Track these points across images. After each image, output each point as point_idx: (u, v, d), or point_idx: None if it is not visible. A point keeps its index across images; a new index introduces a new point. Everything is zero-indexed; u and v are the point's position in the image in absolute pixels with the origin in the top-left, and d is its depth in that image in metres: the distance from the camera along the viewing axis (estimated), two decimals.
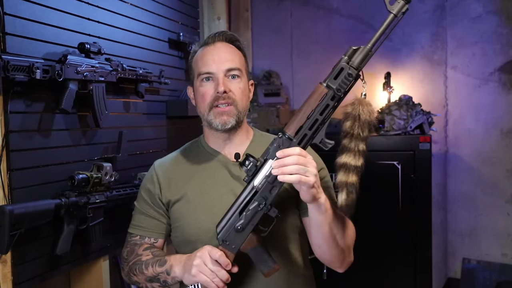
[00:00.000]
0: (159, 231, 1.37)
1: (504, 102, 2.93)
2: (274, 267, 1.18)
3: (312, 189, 1.09)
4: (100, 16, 1.85)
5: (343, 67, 1.10)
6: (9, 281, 1.42)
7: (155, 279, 1.27)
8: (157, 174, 1.38)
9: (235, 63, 1.32)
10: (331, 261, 1.29)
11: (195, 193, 1.32)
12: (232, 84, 1.31)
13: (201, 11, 2.90)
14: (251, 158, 1.14)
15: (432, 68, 3.10)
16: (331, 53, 3.26)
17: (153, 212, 1.37)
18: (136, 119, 2.10)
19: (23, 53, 1.46)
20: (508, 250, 2.94)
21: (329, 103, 1.10)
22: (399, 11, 1.07)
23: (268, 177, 1.13)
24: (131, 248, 1.37)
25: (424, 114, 2.67)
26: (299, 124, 1.12)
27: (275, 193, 1.15)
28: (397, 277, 2.62)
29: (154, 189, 1.37)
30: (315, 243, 1.26)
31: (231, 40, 1.36)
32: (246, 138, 1.39)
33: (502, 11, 2.90)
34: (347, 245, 1.26)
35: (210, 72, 1.30)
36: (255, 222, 1.16)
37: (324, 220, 1.17)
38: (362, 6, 3.21)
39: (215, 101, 1.29)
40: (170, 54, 2.35)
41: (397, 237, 2.60)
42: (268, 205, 1.15)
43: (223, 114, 1.29)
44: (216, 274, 1.15)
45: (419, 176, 2.56)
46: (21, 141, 1.48)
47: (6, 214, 1.34)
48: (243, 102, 1.33)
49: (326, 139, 1.13)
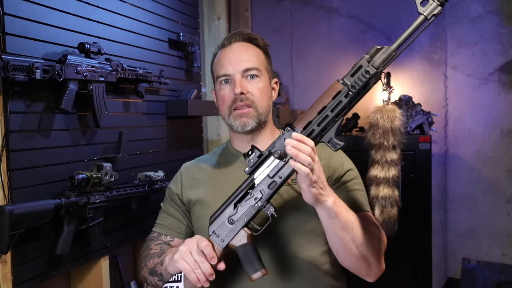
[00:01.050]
0: (177, 230, 1.35)
1: (504, 102, 2.93)
2: (261, 271, 1.08)
3: (313, 188, 1.02)
4: (100, 16, 1.85)
5: (362, 64, 1.04)
6: (9, 281, 1.42)
7: (154, 272, 1.23)
8: (182, 174, 1.40)
9: (252, 62, 1.28)
10: (355, 269, 1.19)
11: (214, 193, 1.29)
12: (250, 84, 1.27)
13: (201, 11, 2.90)
14: (256, 150, 1.09)
15: (432, 68, 3.10)
16: (331, 53, 3.26)
17: (173, 210, 1.37)
18: (136, 119, 2.10)
19: (23, 53, 1.46)
20: (508, 250, 2.94)
21: (342, 100, 1.04)
22: (430, 13, 1.01)
23: (271, 171, 1.07)
24: (146, 244, 1.36)
25: (424, 114, 2.67)
26: (308, 119, 1.06)
27: (274, 189, 1.07)
28: (397, 277, 2.62)
29: (176, 188, 1.37)
30: (333, 250, 1.18)
31: (249, 38, 1.32)
32: (271, 139, 1.29)
33: (502, 11, 2.90)
34: (372, 252, 1.16)
35: (227, 74, 1.28)
36: (247, 217, 1.10)
37: (336, 225, 1.09)
38: (362, 6, 3.21)
39: (233, 103, 1.26)
40: (170, 54, 2.35)
41: (397, 237, 2.60)
42: (264, 201, 1.08)
43: (242, 116, 1.26)
44: (199, 265, 1.08)
45: (419, 176, 2.56)
46: (21, 141, 1.48)
47: (6, 214, 1.34)
48: (264, 102, 1.28)
49: (335, 139, 1.06)
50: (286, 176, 1.06)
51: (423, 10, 1.01)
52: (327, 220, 1.09)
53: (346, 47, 3.23)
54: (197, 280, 1.08)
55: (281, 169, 1.06)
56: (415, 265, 2.59)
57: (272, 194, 1.09)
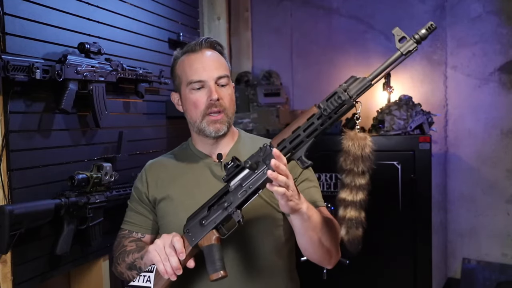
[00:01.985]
0: (146, 227, 1.43)
1: (504, 102, 2.93)
2: (220, 273, 1.16)
3: (290, 202, 1.09)
4: (100, 16, 1.85)
5: (337, 91, 1.11)
6: (9, 281, 1.42)
7: (133, 266, 1.31)
8: (146, 173, 1.46)
9: (224, 70, 1.37)
10: (320, 261, 1.31)
11: (178, 192, 1.38)
12: (222, 91, 1.35)
13: (201, 11, 2.90)
14: (236, 161, 1.17)
15: (432, 68, 3.10)
16: (331, 53, 3.26)
17: (140, 208, 1.44)
18: (136, 119, 2.10)
19: (23, 53, 1.46)
20: (508, 250, 2.94)
21: (314, 122, 1.11)
22: (406, 49, 1.07)
23: (243, 181, 1.15)
24: (118, 241, 1.43)
25: (424, 114, 2.67)
26: (283, 137, 1.14)
27: (244, 197, 1.15)
28: (397, 277, 2.62)
29: (142, 187, 1.44)
30: (302, 248, 1.27)
31: (217, 46, 1.40)
32: (231, 139, 1.43)
33: (502, 11, 2.90)
34: (333, 244, 1.27)
35: (201, 80, 1.34)
36: (217, 220, 1.18)
37: (307, 227, 1.18)
38: (362, 6, 3.21)
39: (208, 109, 1.33)
40: (170, 54, 2.34)
41: (397, 237, 2.60)
42: (234, 207, 1.16)
43: (216, 123, 1.34)
44: (168, 257, 1.16)
45: (419, 176, 2.56)
46: (21, 141, 1.48)
47: (6, 214, 1.34)
48: (232, 108, 1.38)
49: (304, 158, 1.12)
50: (256, 187, 1.14)
51: (400, 46, 1.08)
52: (300, 224, 1.18)
53: (346, 47, 3.22)
54: (165, 272, 1.16)
55: (251, 180, 1.14)
56: (415, 265, 2.59)
57: (242, 202, 1.16)
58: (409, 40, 1.07)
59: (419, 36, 1.07)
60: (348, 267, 2.29)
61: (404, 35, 1.08)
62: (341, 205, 1.16)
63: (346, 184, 1.14)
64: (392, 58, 1.09)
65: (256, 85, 3.17)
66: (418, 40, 1.07)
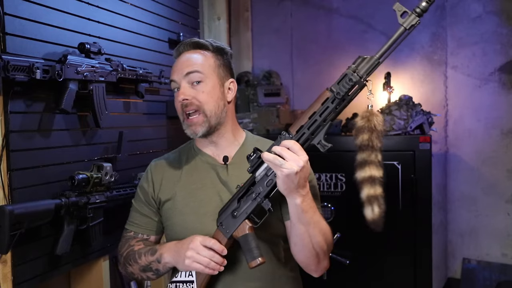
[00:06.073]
0: (151, 228, 1.42)
1: (504, 102, 2.93)
2: (259, 259, 1.19)
3: (288, 180, 1.11)
4: (100, 16, 1.85)
5: (347, 73, 1.13)
6: (9, 281, 1.42)
7: (148, 268, 1.32)
8: (152, 173, 1.44)
9: (194, 66, 1.32)
10: (307, 264, 1.31)
11: (183, 193, 1.37)
12: (196, 90, 1.32)
13: (201, 11, 2.90)
14: (257, 151, 1.19)
15: (432, 68, 3.09)
16: (331, 53, 3.26)
17: (146, 209, 1.42)
18: (136, 119, 2.10)
19: (23, 53, 1.46)
20: (508, 250, 2.94)
21: (329, 105, 1.14)
22: (409, 24, 1.09)
23: (268, 170, 1.19)
24: (124, 241, 1.43)
25: (424, 114, 2.66)
26: (300, 123, 1.17)
27: (271, 186, 1.18)
28: (397, 277, 2.62)
29: (148, 188, 1.42)
30: (292, 241, 1.29)
31: (197, 45, 1.37)
32: (234, 139, 1.40)
33: (502, 11, 2.90)
34: (323, 249, 1.27)
35: (173, 80, 1.34)
36: (248, 211, 1.22)
37: (300, 218, 1.20)
38: (362, 6, 3.21)
39: (182, 110, 1.33)
40: (170, 54, 2.34)
41: (397, 237, 2.60)
42: (262, 197, 1.20)
43: (191, 125, 1.33)
44: (211, 259, 1.20)
45: (419, 176, 2.56)
46: (21, 141, 1.48)
47: (6, 214, 1.34)
48: (211, 105, 1.32)
49: (324, 141, 1.16)
50: None
51: (403, 21, 1.10)
52: (294, 212, 1.19)
53: (346, 47, 3.22)
54: (212, 272, 1.22)
55: None
56: (415, 265, 2.59)
57: (269, 191, 1.20)
58: (411, 14, 1.09)
59: (420, 9, 1.08)
60: (348, 267, 2.30)
61: (405, 9, 1.09)
62: (368, 183, 1.18)
63: (372, 161, 1.17)
64: (396, 34, 1.11)
65: (256, 85, 3.16)
66: (419, 13, 1.09)
